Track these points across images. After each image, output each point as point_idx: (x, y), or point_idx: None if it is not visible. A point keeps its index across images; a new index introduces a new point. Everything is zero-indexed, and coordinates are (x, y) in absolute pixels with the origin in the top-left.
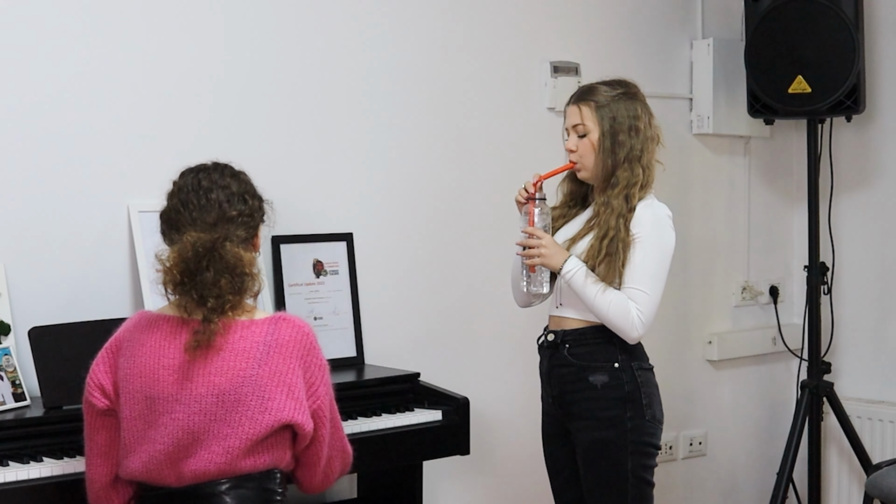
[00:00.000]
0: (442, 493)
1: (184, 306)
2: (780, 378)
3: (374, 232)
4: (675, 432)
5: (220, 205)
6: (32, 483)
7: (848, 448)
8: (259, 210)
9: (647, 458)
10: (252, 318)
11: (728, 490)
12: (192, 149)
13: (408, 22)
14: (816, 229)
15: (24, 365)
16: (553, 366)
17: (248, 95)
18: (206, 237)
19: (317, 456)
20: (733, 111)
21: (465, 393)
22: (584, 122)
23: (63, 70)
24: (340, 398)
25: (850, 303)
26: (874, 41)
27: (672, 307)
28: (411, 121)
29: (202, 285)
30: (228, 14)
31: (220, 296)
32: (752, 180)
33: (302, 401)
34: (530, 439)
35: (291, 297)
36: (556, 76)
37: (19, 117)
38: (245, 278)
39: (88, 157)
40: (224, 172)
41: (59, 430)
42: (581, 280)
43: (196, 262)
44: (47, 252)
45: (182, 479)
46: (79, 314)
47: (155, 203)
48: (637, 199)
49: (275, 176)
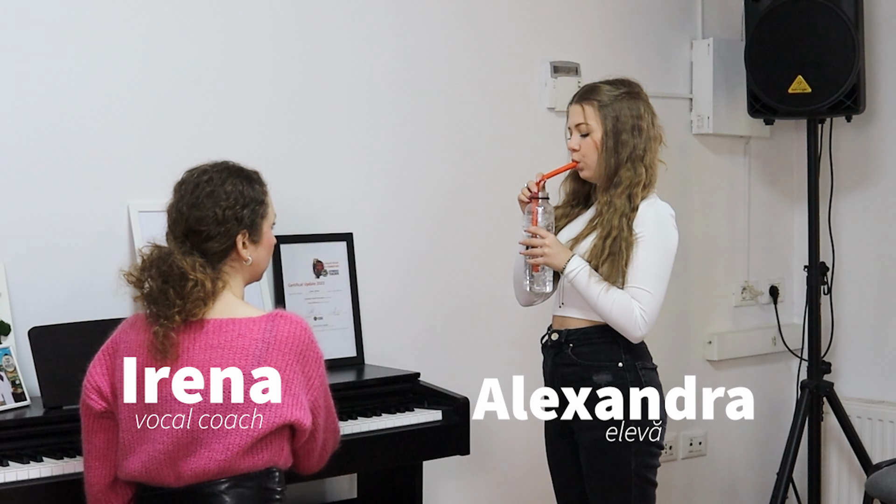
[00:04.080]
0: (442, 493)
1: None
2: (780, 378)
3: (374, 232)
4: (675, 432)
5: (188, 222)
6: (32, 483)
7: (848, 448)
8: (236, 219)
9: (651, 458)
10: (250, 316)
11: (728, 490)
12: (192, 149)
13: (408, 22)
14: (816, 229)
15: (24, 365)
16: (557, 365)
17: (247, 95)
18: (157, 252)
19: (314, 445)
20: (733, 111)
21: (465, 393)
22: (586, 122)
23: (63, 70)
24: (340, 398)
25: (850, 303)
26: (874, 41)
27: (672, 307)
28: (411, 121)
29: (150, 296)
30: (228, 14)
31: (168, 305)
32: (752, 180)
33: (300, 397)
34: (530, 439)
35: (291, 297)
36: (556, 76)
37: (19, 117)
38: (187, 283)
39: (88, 157)
40: (212, 182)
41: (59, 430)
42: (584, 279)
43: (145, 273)
44: (47, 252)
45: (181, 478)
46: (79, 314)
47: (155, 203)
48: (640, 198)
49: (275, 176)
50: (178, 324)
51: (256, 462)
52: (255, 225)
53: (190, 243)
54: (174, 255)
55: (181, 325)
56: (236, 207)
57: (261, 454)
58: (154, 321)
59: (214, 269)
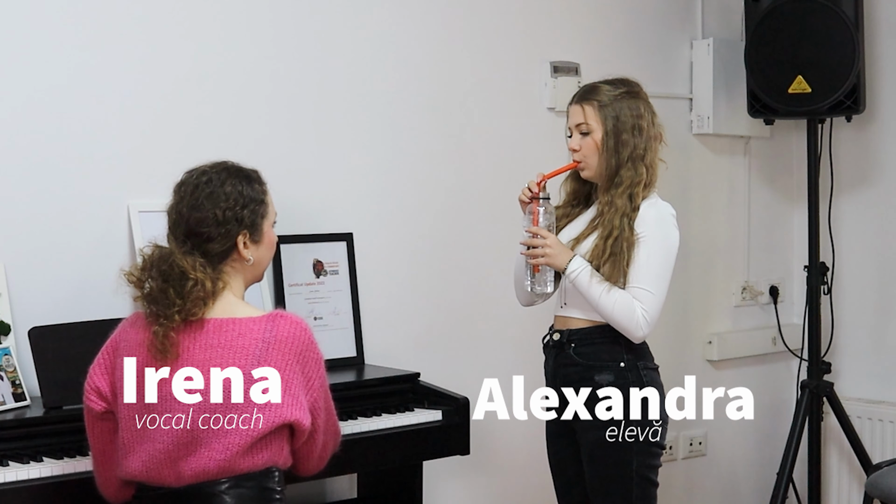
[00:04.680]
0: (442, 493)
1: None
2: (780, 378)
3: (374, 232)
4: (675, 432)
5: (189, 224)
6: (32, 483)
7: (848, 448)
8: (237, 220)
9: (652, 458)
10: (250, 316)
11: (728, 490)
12: (192, 149)
13: (407, 22)
14: (816, 229)
15: (24, 365)
16: (559, 365)
17: (247, 95)
18: (158, 252)
19: (313, 446)
20: (733, 111)
21: (465, 393)
22: (587, 122)
23: (63, 70)
24: (340, 398)
25: (850, 303)
26: (874, 41)
27: (672, 307)
28: (411, 121)
29: (150, 296)
30: (228, 14)
31: (168, 304)
32: (752, 180)
33: (299, 397)
34: (530, 439)
35: (291, 297)
36: (556, 76)
37: (19, 117)
38: (187, 282)
39: (88, 157)
40: (212, 183)
41: (59, 430)
42: (586, 280)
43: (145, 273)
44: (47, 252)
45: (182, 478)
46: (79, 314)
47: (155, 203)
48: (641, 198)
49: (275, 176)
50: (178, 323)
51: (256, 462)
52: (256, 225)
53: (191, 244)
54: (175, 255)
55: (181, 325)
56: (236, 208)
57: (260, 454)
58: (154, 321)
59: (215, 269)
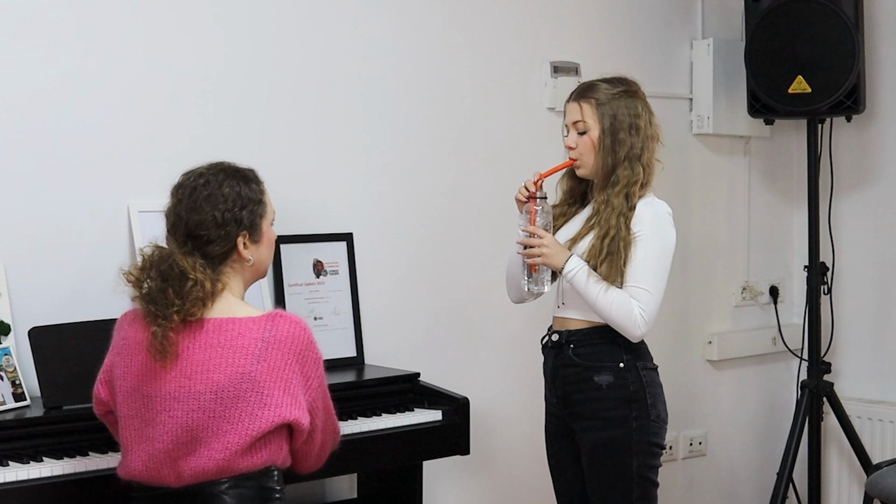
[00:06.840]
0: (442, 493)
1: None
2: (780, 378)
3: (374, 232)
4: (675, 432)
5: (188, 226)
6: (32, 483)
7: (848, 448)
8: (235, 221)
9: (652, 458)
10: (249, 316)
11: (728, 490)
12: (192, 149)
13: (407, 22)
14: (816, 229)
15: (24, 365)
16: (558, 366)
17: (247, 95)
18: (158, 252)
19: (312, 445)
20: (733, 111)
21: (465, 393)
22: (584, 119)
23: (63, 70)
24: (340, 398)
25: (850, 303)
26: (874, 41)
27: (672, 307)
28: (411, 121)
29: (149, 296)
30: (228, 14)
31: (167, 304)
32: (752, 180)
33: (298, 397)
34: (530, 439)
35: (291, 297)
36: (556, 76)
37: (19, 117)
38: (187, 283)
39: (88, 157)
40: (209, 186)
41: (59, 430)
42: (583, 279)
43: (144, 273)
44: (47, 252)
45: (181, 478)
46: (79, 314)
47: (155, 203)
48: (637, 197)
49: (275, 176)
50: (177, 323)
51: (255, 461)
52: (255, 225)
53: (191, 245)
54: (175, 255)
55: (180, 325)
56: (235, 209)
57: (259, 453)
58: (152, 321)
59: (215, 270)
